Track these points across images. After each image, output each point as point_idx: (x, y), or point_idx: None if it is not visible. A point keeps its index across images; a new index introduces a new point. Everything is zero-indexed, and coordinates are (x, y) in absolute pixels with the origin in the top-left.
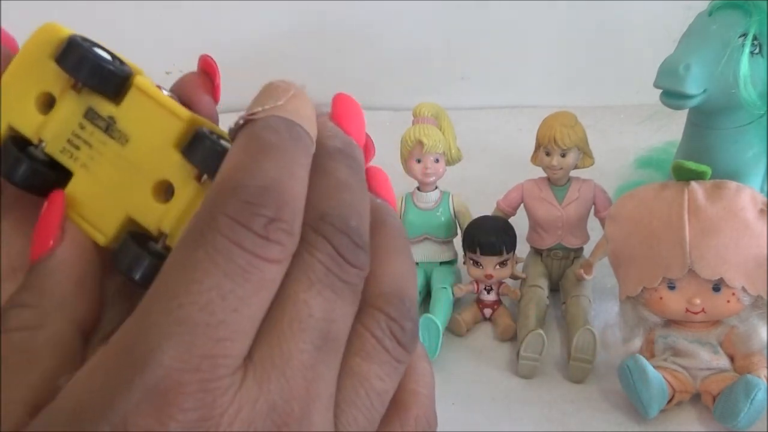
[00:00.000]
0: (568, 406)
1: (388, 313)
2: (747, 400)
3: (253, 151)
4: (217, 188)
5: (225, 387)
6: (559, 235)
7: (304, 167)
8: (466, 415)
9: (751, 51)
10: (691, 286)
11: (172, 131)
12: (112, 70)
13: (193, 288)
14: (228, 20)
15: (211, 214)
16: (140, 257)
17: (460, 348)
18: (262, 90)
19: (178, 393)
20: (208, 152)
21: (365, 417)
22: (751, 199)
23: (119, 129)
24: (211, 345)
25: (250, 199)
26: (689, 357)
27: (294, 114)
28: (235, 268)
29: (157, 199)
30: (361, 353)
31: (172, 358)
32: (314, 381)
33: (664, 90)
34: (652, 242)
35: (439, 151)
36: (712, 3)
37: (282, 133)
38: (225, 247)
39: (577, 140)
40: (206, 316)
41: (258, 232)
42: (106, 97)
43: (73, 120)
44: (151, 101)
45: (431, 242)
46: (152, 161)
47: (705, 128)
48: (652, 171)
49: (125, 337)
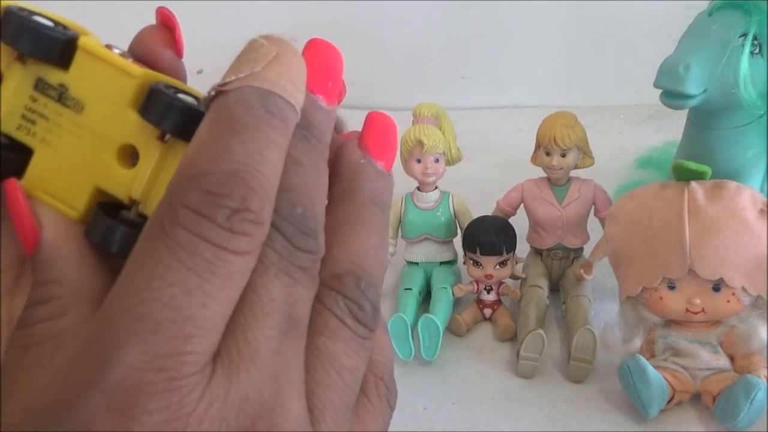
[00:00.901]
0: (568, 406)
1: (344, 293)
2: (747, 400)
3: (220, 130)
4: (180, 174)
5: (192, 385)
6: (559, 235)
7: (278, 146)
8: (466, 415)
9: (751, 51)
10: (691, 286)
11: (126, 91)
12: (53, 35)
13: (155, 284)
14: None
15: (171, 204)
16: (113, 228)
17: (460, 348)
18: (243, 50)
19: (142, 393)
20: (165, 108)
21: (339, 397)
22: (751, 199)
23: (72, 96)
24: (177, 343)
25: (213, 188)
26: (689, 357)
27: (274, 81)
28: (200, 262)
29: (122, 165)
30: (326, 332)
31: (134, 357)
32: (283, 367)
33: (664, 90)
34: (652, 242)
35: (439, 151)
36: (712, 3)
37: (255, 107)
38: (188, 241)
39: (577, 140)
40: (170, 313)
41: (222, 223)
42: (53, 65)
43: (24, 94)
44: (100, 62)
45: (431, 242)
46: (111, 126)
47: (705, 128)
48: (652, 171)
49: (87, 336)
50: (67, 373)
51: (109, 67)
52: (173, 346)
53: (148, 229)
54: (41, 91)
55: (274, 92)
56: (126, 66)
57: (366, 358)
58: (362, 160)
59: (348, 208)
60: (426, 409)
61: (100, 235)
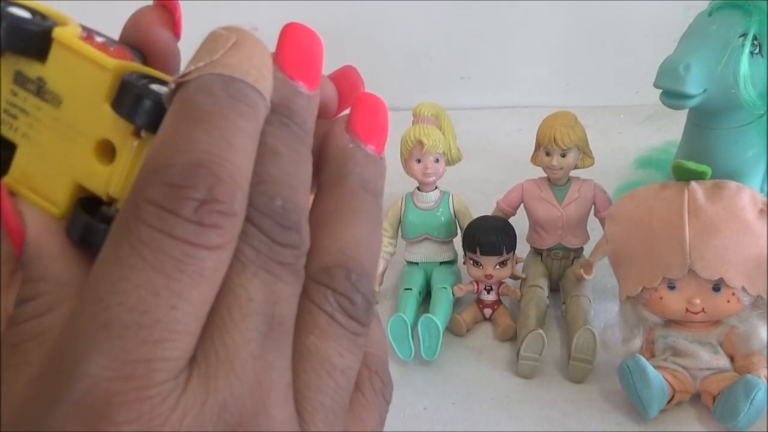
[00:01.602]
0: (568, 406)
1: (333, 287)
2: (747, 400)
3: (181, 121)
4: (142, 170)
5: (165, 393)
6: (559, 235)
7: (246, 132)
8: (466, 415)
9: (751, 51)
10: (691, 286)
11: (101, 84)
12: (27, 27)
13: (120, 286)
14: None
15: (134, 201)
16: (91, 226)
17: (460, 348)
18: (202, 43)
19: (110, 404)
20: (135, 102)
21: (331, 399)
22: (751, 199)
23: (50, 90)
24: (147, 348)
25: (176, 180)
26: (689, 357)
27: (234, 67)
28: (166, 260)
29: (100, 161)
30: (315, 331)
31: (100, 367)
32: (266, 371)
33: (664, 90)
34: (652, 242)
35: (439, 151)
36: (712, 3)
37: (217, 94)
38: (151, 238)
39: (577, 140)
40: (137, 317)
41: (188, 217)
42: (31, 58)
43: (4, 87)
44: (74, 54)
45: (431, 242)
46: (88, 121)
47: (705, 128)
48: (652, 171)
49: (54, 346)
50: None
51: (82, 60)
52: (142, 352)
53: (113, 229)
54: (21, 84)
55: (236, 77)
56: (99, 58)
57: (360, 355)
58: (351, 145)
59: (336, 196)
60: (426, 409)
61: (78, 232)
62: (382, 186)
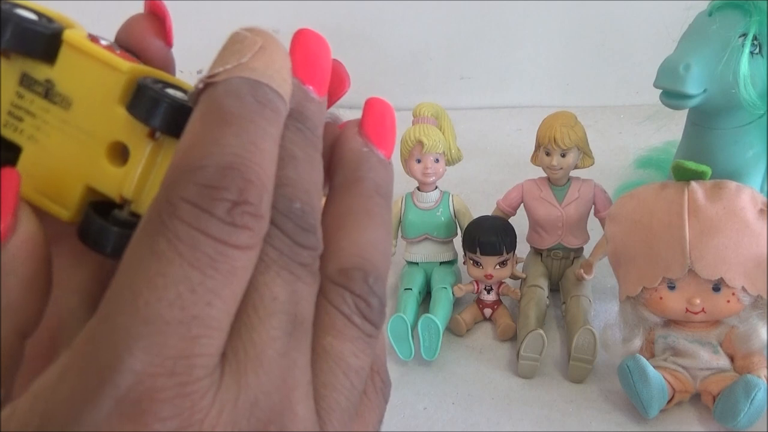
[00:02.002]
0: (568, 406)
1: (351, 290)
2: (747, 400)
3: (211, 122)
4: (175, 168)
5: (204, 389)
6: (559, 235)
7: (271, 137)
8: (466, 415)
9: (751, 51)
10: (691, 286)
11: (114, 87)
12: (36, 29)
13: (158, 282)
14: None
15: (169, 199)
16: (105, 229)
17: (460, 348)
18: (226, 43)
19: (154, 400)
20: (153, 105)
21: (346, 398)
22: (751, 199)
23: (59, 92)
24: (185, 344)
25: (210, 182)
26: (689, 357)
27: (261, 72)
28: (202, 258)
29: (112, 163)
30: (332, 332)
31: (143, 363)
32: (290, 369)
33: (664, 90)
34: (652, 242)
35: (439, 151)
36: (712, 3)
37: (245, 98)
38: (188, 235)
39: (577, 140)
40: (177, 313)
41: (222, 217)
42: (38, 60)
43: (9, 89)
44: (86, 57)
45: (431, 242)
46: (100, 123)
47: (705, 128)
48: (652, 171)
49: (90, 341)
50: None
51: (95, 62)
52: (181, 348)
53: (145, 225)
54: (27, 87)
55: (262, 82)
56: (113, 60)
57: (372, 357)
58: (364, 149)
59: (352, 199)
60: (426, 409)
61: (91, 235)
62: (392, 190)
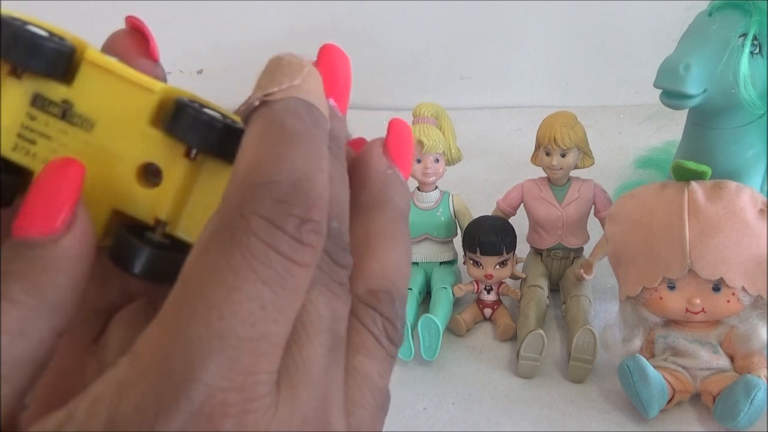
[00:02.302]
0: (568, 406)
1: (381, 311)
2: (747, 400)
3: (276, 139)
4: (243, 182)
5: (266, 406)
6: (559, 235)
7: (326, 157)
8: (466, 415)
9: (751, 51)
10: (691, 286)
11: (145, 107)
12: (52, 47)
13: (234, 297)
14: (227, 20)
15: (241, 212)
16: (140, 250)
17: (460, 348)
18: (272, 65)
19: (224, 415)
20: (195, 125)
21: (370, 416)
22: (751, 199)
23: (79, 113)
24: (253, 361)
25: (283, 197)
26: (689, 357)
27: (313, 96)
28: (272, 275)
29: (143, 184)
30: (362, 350)
31: (216, 377)
32: (330, 385)
33: (664, 90)
34: (652, 242)
35: (439, 151)
36: (712, 3)
37: (305, 118)
38: (262, 252)
39: (577, 140)
40: (249, 329)
41: (292, 234)
42: (53, 79)
43: (19, 111)
44: (112, 77)
45: (431, 242)
46: (129, 144)
47: (705, 128)
48: (652, 171)
49: (160, 350)
50: (146, 387)
51: (123, 82)
52: (250, 364)
53: (214, 237)
54: (41, 107)
55: (313, 105)
56: (143, 80)
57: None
58: (389, 171)
59: (379, 221)
60: (426, 409)
61: (126, 256)
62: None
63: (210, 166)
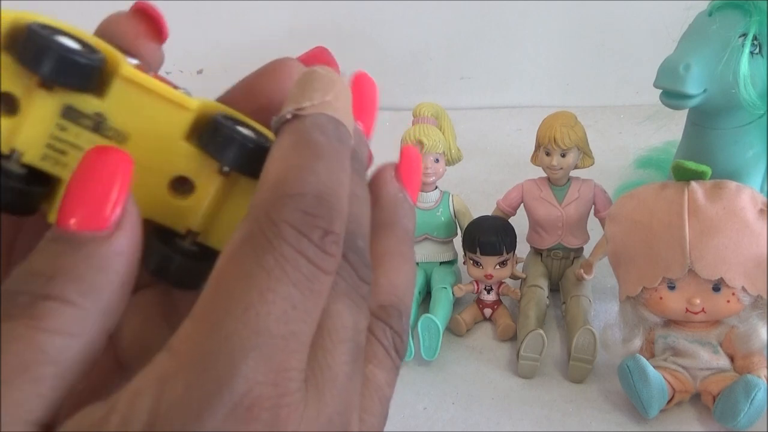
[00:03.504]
0: (568, 406)
1: (391, 325)
2: (747, 400)
3: (305, 153)
4: (273, 192)
5: (296, 402)
6: (559, 235)
7: (348, 173)
8: (466, 415)
9: (751, 51)
10: (691, 286)
11: (180, 124)
12: (84, 62)
13: (269, 296)
14: (227, 20)
15: (272, 220)
16: (170, 257)
17: (460, 348)
18: (306, 78)
19: (261, 409)
20: (230, 143)
21: (380, 423)
22: (751, 199)
23: (112, 127)
24: (285, 357)
25: (309, 209)
26: (689, 357)
27: (341, 113)
28: (301, 279)
29: (175, 196)
30: (374, 361)
31: (254, 371)
32: (352, 393)
33: (664, 90)
34: (652, 242)
35: (439, 151)
36: (712, 3)
37: (330, 135)
38: (293, 256)
39: (577, 140)
40: (282, 327)
41: (317, 243)
42: (86, 93)
43: (49, 122)
44: (147, 93)
45: (431, 242)
46: (163, 158)
47: (705, 128)
48: (652, 171)
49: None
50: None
51: (159, 100)
52: (282, 361)
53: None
54: (72, 119)
55: (341, 122)
56: (178, 98)
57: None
58: (400, 194)
59: (390, 241)
60: (426, 409)
61: (155, 262)
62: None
63: (242, 182)
